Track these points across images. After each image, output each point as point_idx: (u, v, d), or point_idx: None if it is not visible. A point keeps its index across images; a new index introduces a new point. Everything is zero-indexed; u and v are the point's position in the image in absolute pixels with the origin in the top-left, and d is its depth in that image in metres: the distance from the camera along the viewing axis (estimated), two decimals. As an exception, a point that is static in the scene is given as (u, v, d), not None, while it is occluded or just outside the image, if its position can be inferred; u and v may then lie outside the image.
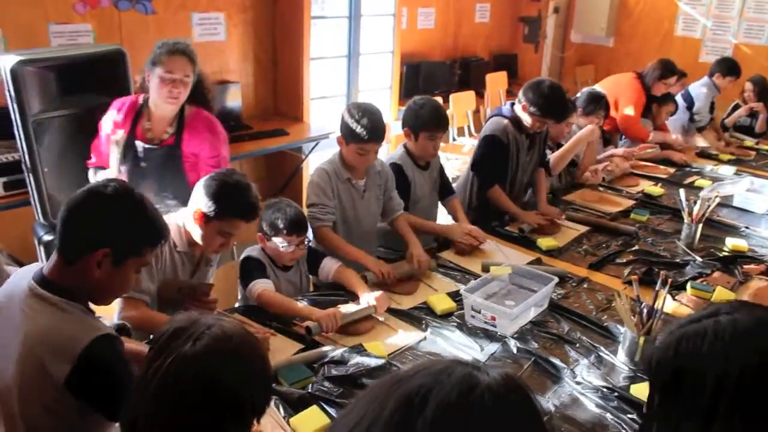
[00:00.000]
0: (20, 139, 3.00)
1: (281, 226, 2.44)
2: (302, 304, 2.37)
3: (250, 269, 2.46)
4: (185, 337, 1.25)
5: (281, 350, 2.14)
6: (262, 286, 2.38)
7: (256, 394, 1.29)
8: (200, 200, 2.17)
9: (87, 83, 3.20)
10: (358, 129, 2.66)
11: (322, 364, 2.04)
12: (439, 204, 3.34)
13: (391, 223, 2.97)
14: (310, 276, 2.73)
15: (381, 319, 2.38)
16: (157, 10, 4.43)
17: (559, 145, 3.85)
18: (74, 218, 1.53)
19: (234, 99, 4.89)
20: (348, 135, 2.71)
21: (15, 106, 2.93)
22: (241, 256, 2.56)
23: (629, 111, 4.64)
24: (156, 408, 1.22)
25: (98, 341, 1.47)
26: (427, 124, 2.97)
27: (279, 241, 2.46)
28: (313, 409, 1.83)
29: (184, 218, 2.25)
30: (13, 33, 3.81)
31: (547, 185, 3.67)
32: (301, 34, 5.02)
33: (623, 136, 4.81)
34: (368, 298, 2.40)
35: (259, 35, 5.13)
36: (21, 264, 1.98)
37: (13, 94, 2.91)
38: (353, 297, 2.48)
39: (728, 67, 5.24)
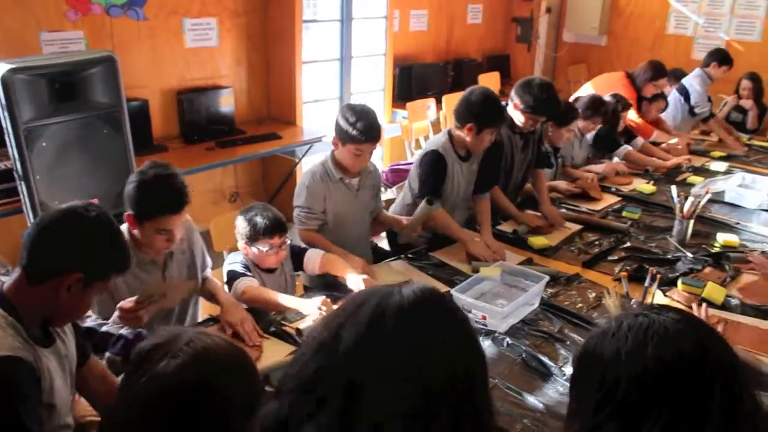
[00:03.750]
0: (11, 147, 3.01)
1: (261, 229, 2.43)
2: (288, 298, 2.37)
3: (234, 277, 2.46)
4: (162, 354, 1.17)
5: (274, 353, 2.15)
6: (246, 283, 2.38)
7: (240, 410, 1.20)
8: (126, 204, 2.15)
9: (79, 90, 3.21)
10: (355, 130, 2.67)
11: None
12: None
13: (374, 220, 3.03)
14: (299, 274, 2.75)
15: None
16: (149, 16, 4.44)
17: (555, 149, 3.86)
18: (49, 238, 1.47)
19: (227, 104, 4.90)
20: (343, 136, 2.72)
21: (6, 114, 2.94)
22: (224, 270, 2.56)
23: (631, 114, 4.65)
24: (131, 427, 1.16)
25: None
26: (495, 120, 2.94)
27: (261, 246, 2.46)
28: None
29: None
30: (4, 41, 3.81)
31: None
32: (293, 38, 5.04)
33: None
34: (356, 281, 2.40)
35: (252, 40, 5.14)
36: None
37: (3, 102, 2.91)
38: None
39: (722, 56, 5.28)
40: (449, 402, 0.88)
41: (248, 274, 2.46)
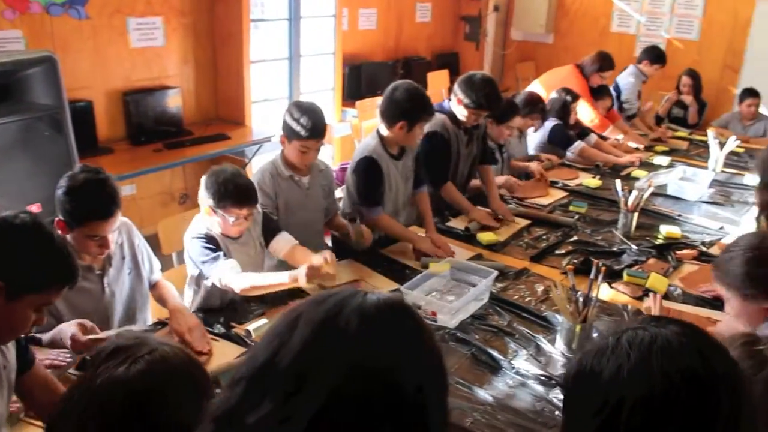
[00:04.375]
0: (-53, 150, 2.92)
1: (230, 198, 2.31)
2: (280, 276, 2.32)
3: (207, 250, 2.35)
4: (122, 358, 1.17)
5: (223, 354, 2.12)
6: (230, 277, 2.30)
7: (188, 418, 1.16)
8: (56, 209, 2.06)
9: (17, 91, 3.13)
10: (299, 126, 2.67)
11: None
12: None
13: (330, 222, 3.03)
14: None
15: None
16: (91, 15, 4.34)
17: (500, 145, 3.91)
18: None
19: (174, 104, 4.83)
20: (289, 133, 2.71)
21: (-60, 116, 2.85)
22: (186, 238, 2.46)
23: (585, 106, 4.72)
24: (79, 428, 1.15)
25: None
26: (425, 112, 2.91)
27: (227, 214, 2.34)
28: None
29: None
30: (-62, 42, 3.70)
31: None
32: (240, 37, 4.99)
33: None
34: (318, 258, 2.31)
35: (199, 39, 5.07)
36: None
37: (-63, 104, 2.83)
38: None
39: (656, 55, 5.37)
40: (391, 405, 0.85)
41: (218, 256, 2.36)
